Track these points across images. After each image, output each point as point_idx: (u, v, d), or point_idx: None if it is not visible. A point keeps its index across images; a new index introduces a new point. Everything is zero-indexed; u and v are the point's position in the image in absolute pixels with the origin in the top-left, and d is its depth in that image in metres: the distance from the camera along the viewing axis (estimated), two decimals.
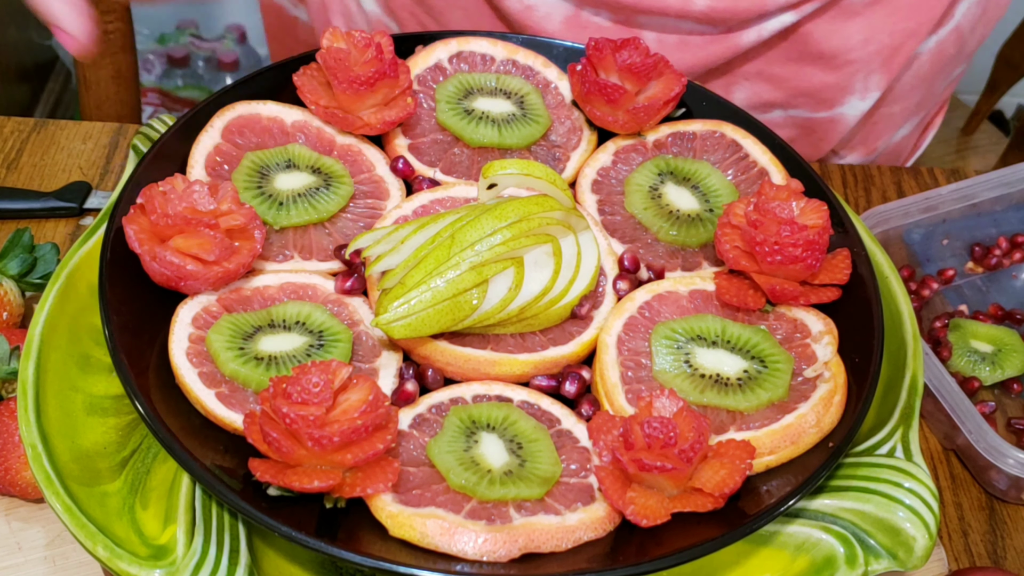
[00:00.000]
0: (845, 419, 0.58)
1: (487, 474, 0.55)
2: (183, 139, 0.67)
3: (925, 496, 0.56)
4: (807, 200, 0.64)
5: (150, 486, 0.57)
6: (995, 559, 0.71)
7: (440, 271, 0.58)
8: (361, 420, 0.52)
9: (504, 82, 0.75)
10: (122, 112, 1.14)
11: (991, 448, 0.70)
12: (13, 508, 0.67)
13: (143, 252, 0.59)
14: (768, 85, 0.88)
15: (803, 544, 0.57)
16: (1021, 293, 0.86)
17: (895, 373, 0.63)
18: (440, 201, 0.67)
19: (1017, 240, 0.87)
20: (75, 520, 0.53)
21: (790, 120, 0.93)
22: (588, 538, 0.53)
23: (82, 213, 0.85)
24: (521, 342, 0.61)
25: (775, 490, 0.55)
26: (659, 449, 0.53)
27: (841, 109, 0.92)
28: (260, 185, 0.66)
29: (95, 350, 0.62)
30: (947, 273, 0.86)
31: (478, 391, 0.60)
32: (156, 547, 0.53)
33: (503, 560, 0.52)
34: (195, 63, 2.05)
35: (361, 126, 0.70)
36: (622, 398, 0.59)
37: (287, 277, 0.63)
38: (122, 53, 1.11)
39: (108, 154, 0.90)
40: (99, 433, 0.59)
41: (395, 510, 0.53)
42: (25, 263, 0.74)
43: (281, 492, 0.53)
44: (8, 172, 0.88)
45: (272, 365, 0.58)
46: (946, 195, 0.85)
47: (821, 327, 0.62)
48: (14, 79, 1.88)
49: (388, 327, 0.58)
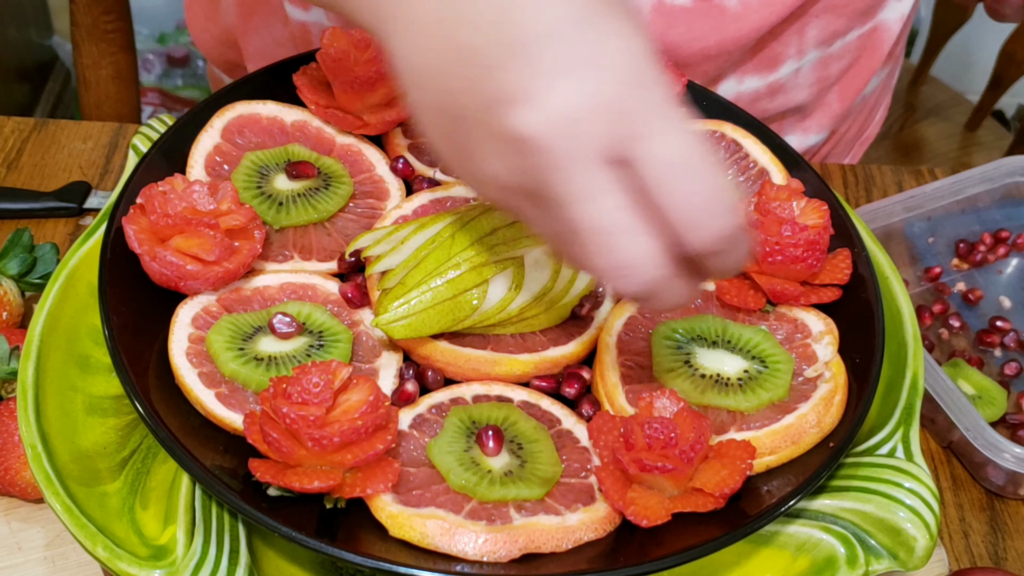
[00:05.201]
0: (846, 419, 0.58)
1: (487, 474, 0.54)
2: (183, 139, 0.67)
3: (926, 496, 0.56)
4: (807, 200, 0.64)
5: (150, 486, 0.57)
6: (996, 560, 0.71)
7: (440, 271, 0.58)
8: (361, 420, 0.52)
9: None
10: (122, 112, 1.14)
11: (988, 444, 0.70)
12: (13, 508, 0.67)
13: (143, 252, 0.59)
14: (832, 15, 0.86)
15: (804, 544, 0.57)
16: (1006, 288, 0.86)
17: (896, 373, 0.63)
18: (440, 201, 0.67)
19: (1001, 235, 0.87)
20: (75, 520, 0.53)
21: (844, 49, 0.91)
22: (588, 538, 0.53)
23: (82, 213, 0.85)
24: (521, 342, 0.61)
25: (776, 490, 0.55)
26: (660, 449, 0.53)
27: (882, 14, 0.91)
28: (260, 185, 0.66)
29: (95, 350, 0.62)
30: (934, 271, 0.86)
31: (478, 391, 0.60)
32: (156, 547, 0.53)
33: (503, 560, 0.52)
34: (195, 63, 2.05)
35: (361, 126, 0.70)
36: (622, 398, 0.59)
37: (287, 277, 0.63)
38: (122, 53, 1.11)
39: (108, 154, 0.90)
40: (99, 433, 0.58)
41: (395, 510, 0.53)
42: (25, 263, 0.74)
43: (281, 492, 0.53)
44: (8, 172, 0.88)
45: (272, 365, 0.58)
46: (930, 192, 0.85)
47: (821, 327, 0.62)
48: (14, 79, 1.88)
49: (388, 327, 0.58)
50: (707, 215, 0.44)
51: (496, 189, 0.47)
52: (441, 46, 0.46)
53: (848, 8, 0.86)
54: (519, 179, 0.45)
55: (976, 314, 0.85)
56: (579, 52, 0.43)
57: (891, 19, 0.91)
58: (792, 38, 0.86)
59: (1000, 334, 0.82)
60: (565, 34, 0.43)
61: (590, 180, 0.44)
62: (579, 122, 0.43)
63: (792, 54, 0.87)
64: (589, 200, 0.44)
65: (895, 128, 1.63)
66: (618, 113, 0.43)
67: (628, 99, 0.43)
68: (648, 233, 0.44)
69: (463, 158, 0.47)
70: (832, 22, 0.86)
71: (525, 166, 0.44)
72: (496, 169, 0.46)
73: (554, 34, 0.43)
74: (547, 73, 0.43)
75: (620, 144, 0.43)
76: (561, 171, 0.44)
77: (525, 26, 0.44)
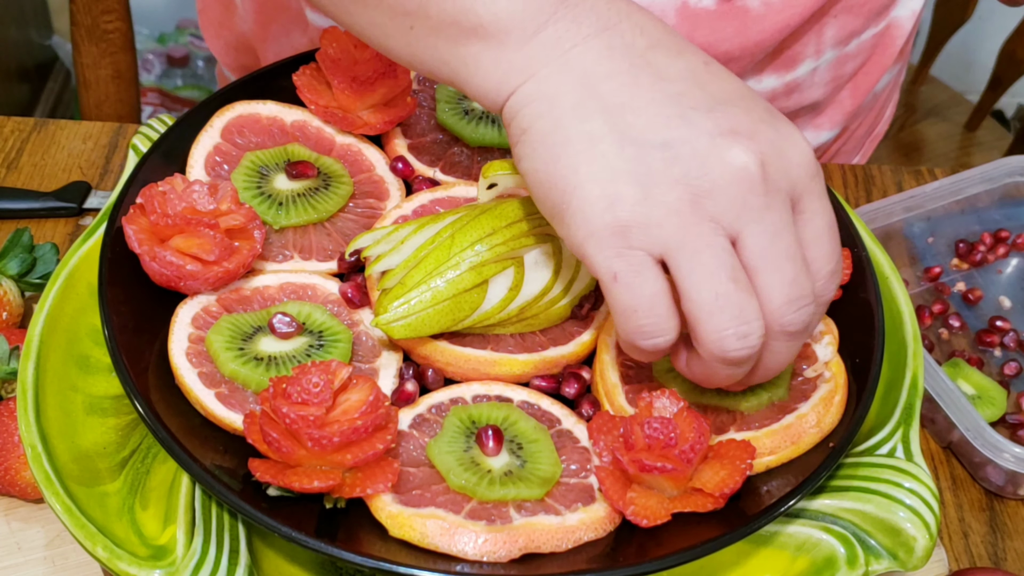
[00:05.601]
0: (845, 419, 0.58)
1: (487, 474, 0.54)
2: (183, 139, 0.67)
3: (926, 496, 0.56)
4: None
5: (150, 486, 0.57)
6: (995, 560, 0.71)
7: (440, 271, 0.58)
8: (361, 420, 0.52)
9: None
10: (122, 112, 1.14)
11: (988, 444, 0.70)
12: (13, 508, 0.67)
13: (143, 252, 0.59)
14: (849, 16, 0.87)
15: (803, 544, 0.57)
16: (1006, 288, 0.86)
17: (895, 373, 0.63)
18: (440, 201, 0.67)
19: (1001, 235, 0.87)
20: (75, 520, 0.53)
21: (859, 48, 0.92)
22: (588, 538, 0.53)
23: (82, 213, 0.85)
24: (521, 342, 0.61)
25: (775, 490, 0.55)
26: (659, 450, 0.53)
27: (895, 12, 0.91)
28: (260, 185, 0.66)
29: (95, 350, 0.62)
30: (933, 271, 0.86)
31: (478, 391, 0.60)
32: (156, 547, 0.53)
33: (503, 560, 0.52)
34: (195, 63, 2.05)
35: (361, 126, 0.70)
36: (622, 398, 0.59)
37: (287, 277, 0.63)
38: (122, 53, 1.11)
39: (108, 154, 0.90)
40: (99, 433, 0.58)
41: (395, 510, 0.53)
42: (25, 263, 0.74)
43: (281, 492, 0.53)
44: (8, 172, 0.88)
45: (272, 365, 0.58)
46: (930, 192, 0.85)
47: (821, 327, 0.62)
48: (14, 79, 1.88)
49: (388, 327, 0.58)
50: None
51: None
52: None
53: (865, 8, 0.87)
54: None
55: (976, 314, 0.85)
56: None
57: (903, 16, 0.91)
58: (811, 38, 0.86)
59: (1000, 334, 0.82)
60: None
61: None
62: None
63: (810, 54, 0.87)
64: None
65: (895, 128, 1.64)
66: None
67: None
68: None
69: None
70: (849, 22, 0.87)
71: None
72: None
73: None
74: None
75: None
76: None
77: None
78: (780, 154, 0.49)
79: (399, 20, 0.54)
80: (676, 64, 0.51)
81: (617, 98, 0.50)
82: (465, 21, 0.51)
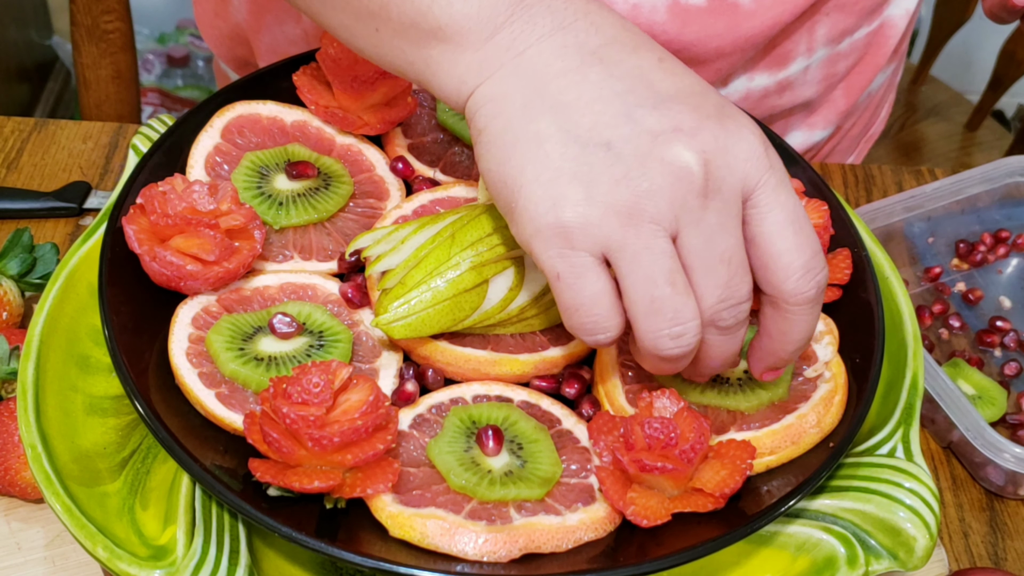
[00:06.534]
0: (845, 419, 0.58)
1: (487, 474, 0.54)
2: (183, 139, 0.67)
3: (926, 496, 0.56)
4: (807, 200, 0.64)
5: (150, 486, 0.57)
6: (995, 560, 0.71)
7: (440, 271, 0.58)
8: (361, 420, 0.52)
9: None
10: (122, 112, 1.14)
11: (988, 444, 0.70)
12: (13, 508, 0.67)
13: (143, 252, 0.59)
14: (842, 14, 0.87)
15: (804, 544, 0.57)
16: (1006, 288, 0.86)
17: (895, 373, 0.63)
18: (440, 201, 0.67)
19: (1001, 235, 0.87)
20: (75, 520, 0.53)
21: (852, 46, 0.92)
22: (588, 538, 0.53)
23: (82, 213, 0.85)
24: (521, 342, 0.61)
25: (775, 490, 0.55)
26: (660, 450, 0.53)
27: (888, 11, 0.91)
28: (260, 185, 0.66)
29: (95, 350, 0.62)
30: (934, 271, 0.86)
31: (478, 391, 0.60)
32: (156, 547, 0.53)
33: (503, 560, 0.52)
34: (195, 63, 2.05)
35: (361, 126, 0.70)
36: (622, 398, 0.59)
37: (287, 277, 0.63)
38: (122, 53, 1.11)
39: (108, 154, 0.90)
40: (99, 433, 0.58)
41: (395, 510, 0.53)
42: (25, 263, 0.74)
43: (281, 492, 0.53)
44: (8, 172, 0.88)
45: (272, 365, 0.58)
46: (930, 192, 0.85)
47: (821, 327, 0.62)
48: (14, 79, 1.88)
49: (388, 327, 0.58)
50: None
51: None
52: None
53: (857, 6, 0.87)
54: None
55: (976, 314, 0.85)
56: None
57: (897, 15, 0.91)
58: (802, 36, 0.86)
59: (1000, 334, 0.82)
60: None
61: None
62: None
63: (802, 52, 0.87)
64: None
65: (895, 128, 1.64)
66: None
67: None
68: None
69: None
70: (841, 20, 0.87)
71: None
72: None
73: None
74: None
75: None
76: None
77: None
78: (724, 151, 0.49)
79: (364, 22, 0.54)
80: (628, 61, 0.51)
81: (565, 96, 0.50)
82: (424, 24, 0.52)
